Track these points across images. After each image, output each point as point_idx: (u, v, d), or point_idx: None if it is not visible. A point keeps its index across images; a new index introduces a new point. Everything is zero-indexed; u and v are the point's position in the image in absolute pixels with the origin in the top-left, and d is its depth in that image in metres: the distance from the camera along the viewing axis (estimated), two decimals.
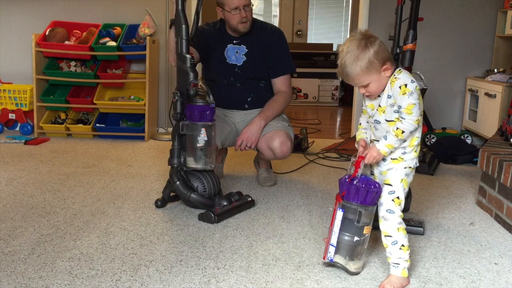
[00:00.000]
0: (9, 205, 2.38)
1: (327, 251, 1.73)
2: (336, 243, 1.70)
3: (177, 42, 2.27)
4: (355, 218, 1.66)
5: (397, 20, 2.75)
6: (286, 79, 2.79)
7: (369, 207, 1.65)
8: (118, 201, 2.49)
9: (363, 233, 1.68)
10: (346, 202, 1.67)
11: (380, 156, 1.65)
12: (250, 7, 2.62)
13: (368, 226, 1.68)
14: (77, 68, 4.16)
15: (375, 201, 1.66)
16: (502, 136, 2.84)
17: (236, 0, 2.54)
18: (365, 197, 1.63)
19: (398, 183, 1.67)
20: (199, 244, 1.98)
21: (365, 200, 1.64)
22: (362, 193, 1.63)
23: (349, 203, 1.66)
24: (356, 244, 1.69)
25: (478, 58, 4.17)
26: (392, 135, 1.60)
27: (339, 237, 1.69)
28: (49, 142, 3.91)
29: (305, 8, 8.30)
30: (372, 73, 1.59)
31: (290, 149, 2.68)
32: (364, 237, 1.69)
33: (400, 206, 1.66)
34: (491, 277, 1.77)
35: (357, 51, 1.57)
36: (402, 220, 1.67)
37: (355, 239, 1.67)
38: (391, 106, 1.63)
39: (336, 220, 1.68)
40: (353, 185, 1.64)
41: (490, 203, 2.43)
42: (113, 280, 1.66)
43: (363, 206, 1.64)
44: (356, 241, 1.68)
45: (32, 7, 4.30)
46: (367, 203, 1.64)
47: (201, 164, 2.32)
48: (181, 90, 2.28)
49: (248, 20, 2.64)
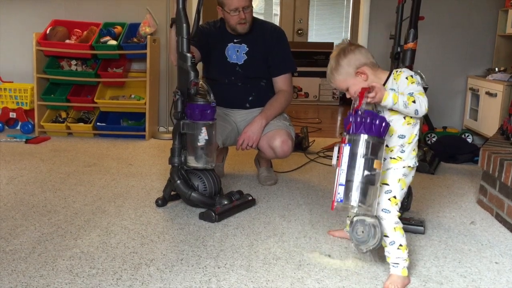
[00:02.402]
0: (10, 204, 2.38)
1: (336, 193, 1.54)
2: (345, 181, 1.53)
3: (178, 41, 2.27)
4: (364, 151, 1.52)
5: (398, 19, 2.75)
6: (287, 78, 2.79)
7: (376, 137, 1.53)
8: (119, 200, 2.49)
9: (373, 168, 1.52)
10: (352, 136, 1.54)
11: (382, 96, 1.55)
12: (250, 8, 2.61)
13: (378, 161, 1.53)
14: (77, 67, 4.16)
15: (383, 133, 1.54)
16: (503, 135, 2.84)
17: (235, 1, 2.54)
18: (371, 127, 1.52)
19: (395, 183, 1.68)
20: (199, 243, 1.99)
21: (371, 130, 1.52)
22: (368, 123, 1.52)
23: (356, 135, 1.53)
24: (367, 180, 1.52)
25: (479, 57, 4.17)
26: (404, 97, 1.57)
27: (348, 175, 1.53)
28: (50, 141, 3.91)
29: (305, 7, 8.29)
30: (348, 79, 1.69)
31: (291, 148, 2.68)
32: (375, 172, 1.52)
33: (396, 206, 1.67)
34: (491, 276, 1.77)
35: (333, 61, 1.70)
36: (399, 219, 1.67)
37: (365, 173, 1.52)
38: None
39: (344, 157, 1.54)
40: (358, 116, 1.53)
41: (491, 202, 2.43)
42: (114, 279, 1.67)
43: (371, 136, 1.52)
44: (366, 175, 1.51)
45: (33, 6, 4.29)
46: (374, 133, 1.52)
47: (202, 163, 2.32)
48: (182, 89, 2.28)
49: (247, 22, 2.64)
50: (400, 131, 1.67)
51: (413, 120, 1.67)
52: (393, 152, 1.69)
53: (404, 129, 1.67)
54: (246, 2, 2.57)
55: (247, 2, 2.58)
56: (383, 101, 1.57)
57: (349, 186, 1.53)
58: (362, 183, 1.52)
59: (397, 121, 1.66)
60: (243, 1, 2.56)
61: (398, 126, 1.67)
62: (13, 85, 4.25)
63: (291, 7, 8.26)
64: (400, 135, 1.67)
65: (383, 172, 1.69)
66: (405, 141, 1.67)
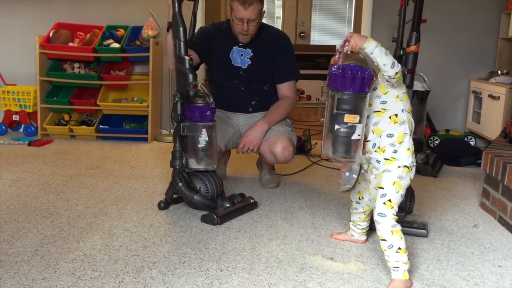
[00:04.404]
0: (13, 207, 2.39)
1: (322, 146, 1.66)
2: (324, 134, 1.64)
3: (175, 44, 2.27)
4: (333, 105, 1.57)
5: (400, 22, 2.75)
6: (291, 85, 2.78)
7: (344, 92, 1.55)
8: (121, 202, 2.49)
9: (344, 121, 1.57)
10: (328, 91, 1.60)
11: (362, 41, 1.61)
12: (255, 22, 2.56)
13: (350, 115, 1.57)
14: (80, 70, 4.18)
15: (357, 87, 1.55)
16: (505, 138, 2.83)
17: (242, 12, 2.50)
18: (340, 81, 1.55)
19: (390, 186, 1.68)
20: (202, 245, 1.98)
21: (339, 84, 1.55)
22: (339, 77, 1.55)
23: (330, 90, 1.59)
24: (340, 133, 1.58)
25: (481, 60, 4.16)
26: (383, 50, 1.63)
27: (325, 128, 1.62)
28: (53, 143, 3.92)
29: (308, 10, 8.29)
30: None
31: (292, 154, 2.68)
32: (346, 126, 1.57)
33: (392, 209, 1.66)
34: (494, 280, 1.76)
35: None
36: (396, 222, 1.66)
37: (335, 127, 1.58)
38: (378, 98, 1.72)
39: (326, 113, 1.62)
40: (332, 72, 1.57)
41: (493, 205, 2.42)
42: (116, 282, 1.67)
43: (335, 91, 1.56)
44: (337, 129, 1.58)
45: (36, 8, 4.31)
46: (340, 87, 1.55)
47: (203, 165, 2.32)
48: (180, 91, 2.29)
49: (249, 35, 2.60)
50: (387, 130, 1.71)
51: (399, 119, 1.71)
52: (385, 152, 1.71)
53: (391, 128, 1.71)
54: (253, 16, 2.52)
55: (254, 15, 2.52)
56: (366, 43, 1.61)
57: (326, 141, 1.64)
58: (336, 136, 1.60)
59: (383, 121, 1.71)
60: (250, 14, 2.50)
61: (384, 125, 1.71)
62: (16, 88, 4.27)
63: (293, 10, 8.27)
64: (388, 134, 1.71)
65: (379, 176, 1.70)
66: (395, 140, 1.70)
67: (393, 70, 1.63)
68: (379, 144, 1.72)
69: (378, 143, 1.72)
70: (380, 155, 1.72)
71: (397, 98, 1.72)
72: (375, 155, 1.73)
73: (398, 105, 1.72)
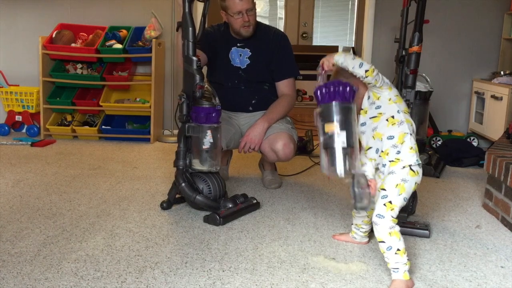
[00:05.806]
0: (16, 207, 2.39)
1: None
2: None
3: (184, 44, 2.28)
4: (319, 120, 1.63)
5: (402, 22, 2.75)
6: (290, 82, 2.79)
7: (323, 105, 1.60)
8: (124, 203, 2.49)
9: (325, 132, 1.60)
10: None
11: (332, 57, 1.70)
12: (253, 11, 2.62)
13: (328, 124, 1.59)
14: (83, 71, 4.18)
15: (328, 99, 1.59)
16: (508, 138, 2.82)
17: (239, 4, 2.54)
18: (323, 97, 1.60)
19: (393, 188, 1.68)
20: (204, 246, 1.99)
21: (321, 99, 1.61)
22: (323, 94, 1.60)
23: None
24: (325, 144, 1.60)
25: (484, 61, 4.16)
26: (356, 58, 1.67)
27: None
28: (55, 144, 3.92)
29: (310, 11, 8.29)
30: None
31: (293, 151, 2.68)
32: (327, 135, 1.59)
33: (392, 211, 1.66)
34: (497, 280, 1.76)
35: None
36: (394, 224, 1.65)
37: (321, 139, 1.62)
38: (373, 104, 1.75)
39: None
40: (316, 91, 1.63)
41: (496, 206, 2.41)
42: (119, 282, 1.67)
43: (320, 105, 1.61)
44: (322, 140, 1.61)
45: (39, 9, 4.33)
46: (321, 101, 1.61)
47: (207, 166, 2.32)
48: (187, 92, 2.29)
49: (251, 25, 2.64)
50: (387, 132, 1.72)
51: (396, 120, 1.72)
52: (389, 155, 1.71)
53: (390, 130, 1.71)
54: (249, 5, 2.58)
55: (250, 4, 2.58)
56: (336, 57, 1.68)
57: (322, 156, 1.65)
58: (325, 149, 1.61)
59: (381, 124, 1.73)
60: (246, 3, 2.56)
61: (383, 129, 1.72)
62: (19, 89, 4.28)
63: (295, 11, 8.27)
64: (389, 136, 1.71)
65: (383, 179, 1.71)
66: (396, 141, 1.70)
67: (362, 69, 1.65)
68: (381, 148, 1.73)
69: (381, 147, 1.73)
70: (384, 159, 1.72)
71: (390, 100, 1.73)
72: (380, 160, 1.74)
73: (392, 107, 1.73)
